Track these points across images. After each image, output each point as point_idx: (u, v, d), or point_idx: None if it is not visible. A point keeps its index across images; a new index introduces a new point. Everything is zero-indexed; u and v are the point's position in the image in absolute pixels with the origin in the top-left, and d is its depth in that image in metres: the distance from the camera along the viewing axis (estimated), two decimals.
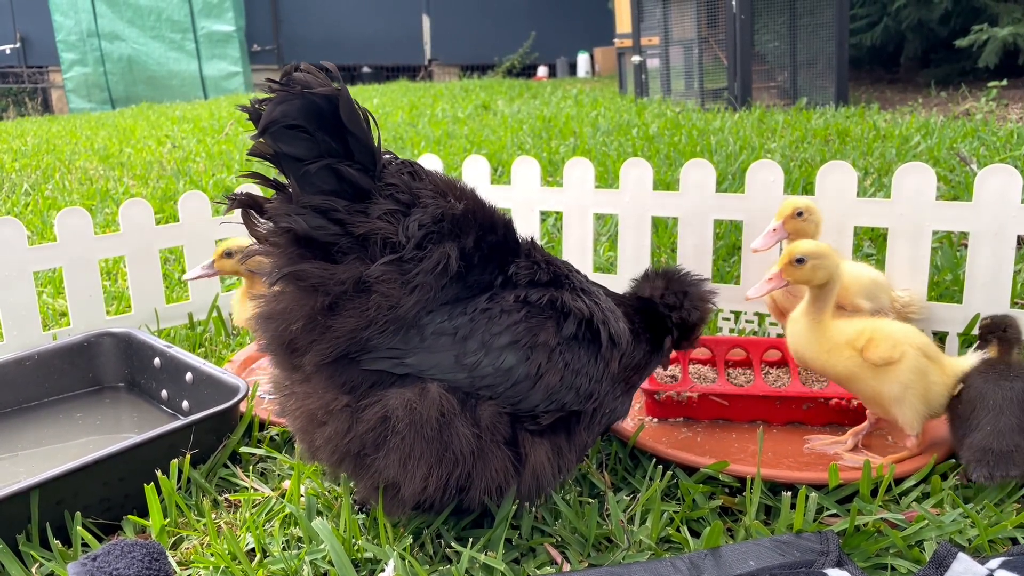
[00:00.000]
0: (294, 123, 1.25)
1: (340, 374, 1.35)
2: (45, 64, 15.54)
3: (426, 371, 1.35)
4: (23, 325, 2.30)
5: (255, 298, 1.39)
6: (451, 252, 1.34)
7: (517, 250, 1.50)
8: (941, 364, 1.71)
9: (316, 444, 1.38)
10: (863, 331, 1.71)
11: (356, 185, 1.30)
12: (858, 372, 1.69)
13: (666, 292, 1.70)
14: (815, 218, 2.07)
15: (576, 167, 2.59)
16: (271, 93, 1.25)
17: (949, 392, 1.70)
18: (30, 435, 1.98)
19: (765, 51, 8.12)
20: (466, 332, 1.36)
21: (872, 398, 1.71)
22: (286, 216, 1.29)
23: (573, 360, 1.43)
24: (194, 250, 2.60)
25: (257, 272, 1.37)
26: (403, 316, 1.33)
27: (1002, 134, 4.95)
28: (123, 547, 1.25)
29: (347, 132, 1.28)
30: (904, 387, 1.66)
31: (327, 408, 1.35)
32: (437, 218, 1.34)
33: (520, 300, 1.41)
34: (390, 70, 16.56)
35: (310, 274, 1.30)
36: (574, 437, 1.49)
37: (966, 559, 1.25)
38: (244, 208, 1.35)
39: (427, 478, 1.34)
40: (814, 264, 1.71)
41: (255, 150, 1.29)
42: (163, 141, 7.11)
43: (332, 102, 1.25)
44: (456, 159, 4.80)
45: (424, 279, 1.32)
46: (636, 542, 1.45)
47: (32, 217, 4.14)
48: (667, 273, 1.74)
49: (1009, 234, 2.09)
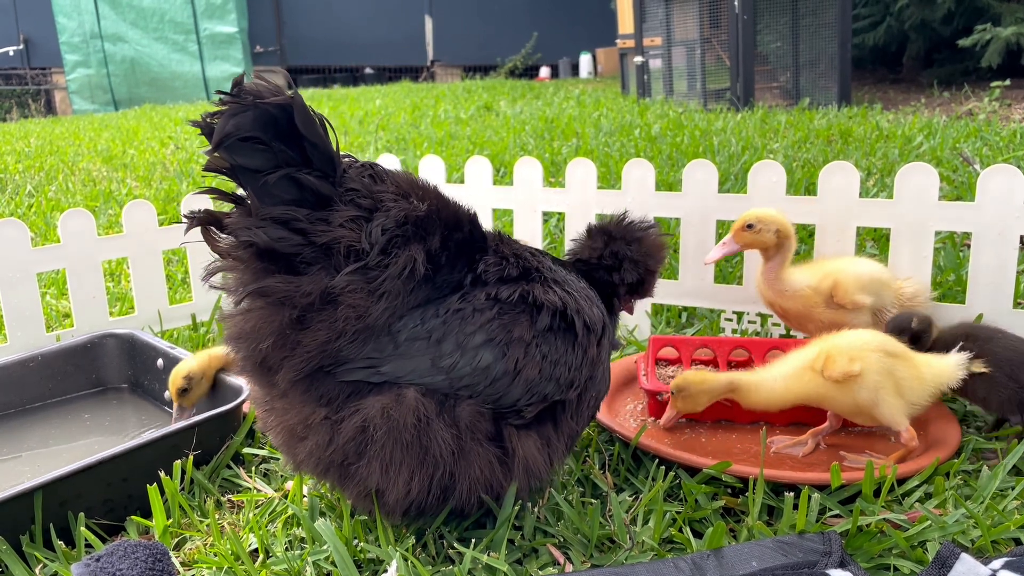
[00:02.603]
0: (248, 135, 1.22)
1: (316, 388, 1.33)
2: (48, 66, 15.56)
3: (403, 377, 1.33)
4: (27, 326, 2.30)
5: (222, 319, 1.36)
6: (417, 255, 1.32)
7: (484, 246, 1.48)
8: (908, 359, 1.72)
9: (299, 458, 1.38)
10: (819, 352, 1.72)
11: (317, 192, 1.28)
12: (825, 393, 1.70)
13: (605, 253, 1.65)
14: (771, 227, 2.08)
15: (578, 168, 2.59)
16: (222, 105, 1.23)
17: (923, 384, 1.69)
18: (35, 436, 1.98)
19: (767, 51, 8.12)
20: (440, 335, 1.35)
21: (850, 412, 1.71)
22: (246, 230, 1.26)
23: (550, 351, 1.42)
24: (197, 251, 2.60)
25: (220, 289, 1.35)
26: (373, 324, 1.31)
27: (1005, 134, 4.95)
28: (126, 548, 1.25)
29: (304, 139, 1.25)
30: (874, 391, 1.66)
31: (306, 423, 1.34)
32: (400, 221, 1.32)
33: (491, 298, 1.40)
34: (393, 71, 16.57)
35: (275, 289, 1.27)
36: (561, 426, 1.48)
37: (969, 559, 1.25)
38: (203, 225, 1.32)
39: (410, 483, 1.33)
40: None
41: (210, 165, 1.26)
42: (166, 142, 7.12)
43: (286, 110, 1.23)
44: (458, 160, 4.81)
45: (391, 285, 1.31)
46: (639, 543, 1.45)
47: (36, 219, 4.15)
48: (606, 229, 1.68)
49: (1012, 234, 2.08)
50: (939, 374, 1.71)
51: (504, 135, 6.25)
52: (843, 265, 2.13)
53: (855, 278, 2.06)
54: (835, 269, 2.11)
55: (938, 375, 1.71)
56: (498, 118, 7.66)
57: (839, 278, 2.07)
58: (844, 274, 2.09)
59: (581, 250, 1.69)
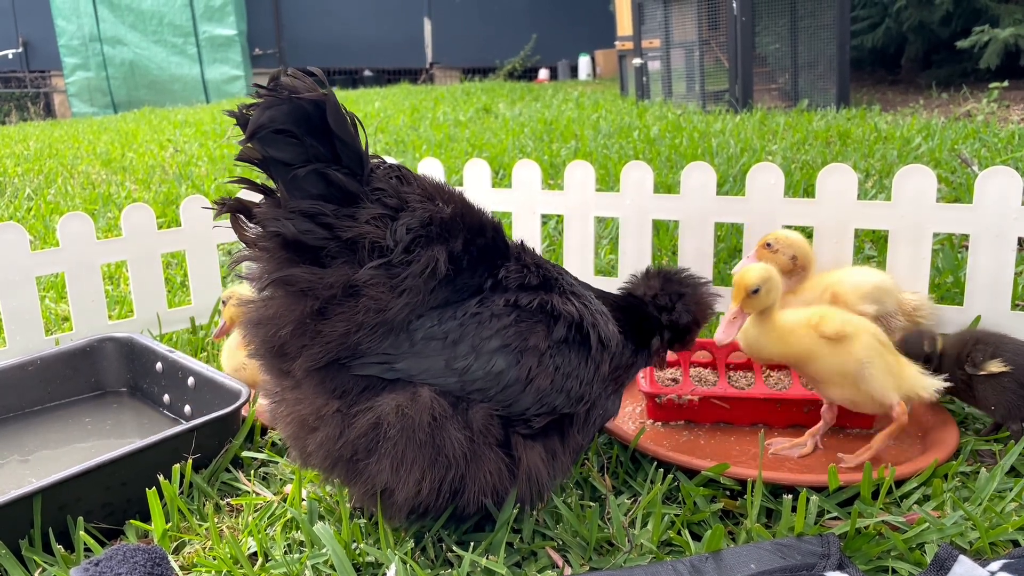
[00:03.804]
0: (282, 128, 1.25)
1: (331, 379, 1.34)
2: (47, 68, 15.57)
3: (416, 376, 1.35)
4: (25, 330, 2.30)
5: (243, 304, 1.39)
6: (439, 256, 1.34)
7: (507, 253, 1.49)
8: (896, 355, 1.76)
9: (308, 450, 1.38)
10: (815, 312, 1.78)
11: (344, 189, 1.31)
12: (815, 350, 1.72)
13: (660, 293, 1.69)
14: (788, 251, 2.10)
15: (577, 170, 2.59)
16: (259, 98, 1.26)
17: (902, 382, 1.71)
18: (35, 439, 1.98)
19: (766, 53, 8.12)
20: (456, 336, 1.36)
21: (833, 379, 1.72)
22: (275, 221, 1.29)
23: (563, 363, 1.43)
24: (196, 254, 2.61)
25: (245, 277, 1.37)
26: (392, 320, 1.33)
27: (1003, 135, 4.95)
28: (125, 552, 1.26)
29: (335, 136, 1.28)
30: (864, 362, 1.68)
31: (318, 414, 1.35)
32: (425, 222, 1.34)
33: (510, 304, 1.41)
34: (391, 73, 16.57)
35: (299, 279, 1.30)
36: (568, 440, 1.49)
37: (967, 562, 1.25)
38: (233, 213, 1.34)
39: (420, 483, 1.34)
40: (767, 288, 1.75)
41: (243, 155, 1.29)
42: (165, 145, 7.12)
43: (320, 107, 1.26)
44: (457, 162, 4.81)
45: (412, 283, 1.32)
46: (637, 545, 1.45)
47: (34, 222, 4.15)
48: (665, 273, 1.73)
49: (1010, 236, 2.08)
50: (915, 384, 1.73)
51: (503, 137, 6.25)
52: (841, 277, 2.11)
53: (856, 288, 2.04)
54: (834, 281, 2.09)
55: (914, 385, 1.73)
56: (497, 120, 7.66)
57: (837, 290, 2.06)
58: (844, 286, 2.07)
59: (636, 287, 1.73)
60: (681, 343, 1.74)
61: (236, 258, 1.38)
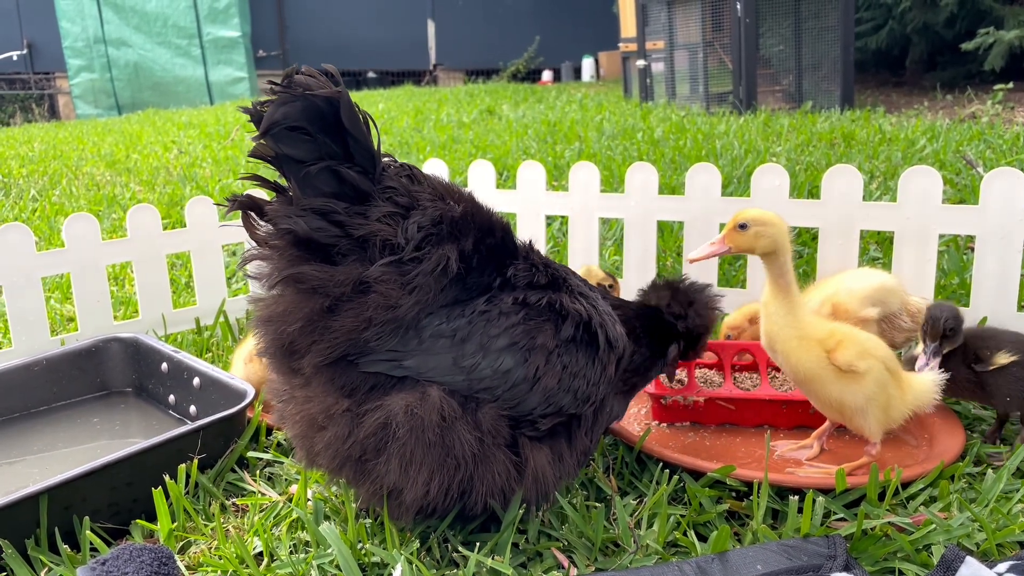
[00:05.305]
0: (295, 125, 1.26)
1: (340, 377, 1.35)
2: (52, 70, 15.61)
3: (424, 373, 1.35)
4: (31, 330, 2.31)
5: (254, 301, 1.39)
6: (450, 254, 1.35)
7: (515, 253, 1.50)
8: (899, 378, 1.69)
9: (316, 449, 1.38)
10: (834, 333, 1.69)
11: (356, 187, 1.31)
12: (821, 374, 1.66)
13: (672, 302, 1.71)
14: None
15: (581, 171, 2.59)
16: (273, 95, 1.26)
17: (904, 406, 1.67)
18: (40, 440, 1.98)
19: (770, 55, 8.12)
20: (464, 334, 1.36)
21: (830, 404, 1.68)
22: (286, 218, 1.30)
23: (571, 363, 1.43)
24: (201, 255, 2.61)
25: (256, 276, 1.37)
26: (402, 317, 1.33)
27: (1008, 137, 4.95)
28: (131, 551, 1.26)
29: (348, 134, 1.29)
30: (867, 399, 1.64)
31: (327, 412, 1.35)
32: (436, 220, 1.35)
33: (518, 302, 1.41)
34: (395, 75, 16.59)
35: (310, 276, 1.30)
36: (575, 442, 1.49)
37: (974, 563, 1.24)
38: (244, 210, 1.35)
39: (429, 483, 1.34)
40: (757, 231, 1.69)
41: (256, 151, 1.30)
42: (169, 147, 7.14)
43: (333, 104, 1.26)
44: (461, 164, 4.81)
45: (423, 280, 1.33)
46: (643, 546, 1.45)
47: (40, 223, 4.16)
48: (671, 283, 1.75)
49: (1016, 237, 2.08)
50: (919, 395, 1.70)
51: (507, 139, 6.25)
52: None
53: (857, 290, 2.02)
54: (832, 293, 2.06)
55: (918, 396, 1.70)
56: (501, 122, 7.66)
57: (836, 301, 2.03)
58: (845, 288, 2.03)
59: (648, 297, 1.75)
60: (694, 350, 1.76)
61: (245, 257, 1.38)
